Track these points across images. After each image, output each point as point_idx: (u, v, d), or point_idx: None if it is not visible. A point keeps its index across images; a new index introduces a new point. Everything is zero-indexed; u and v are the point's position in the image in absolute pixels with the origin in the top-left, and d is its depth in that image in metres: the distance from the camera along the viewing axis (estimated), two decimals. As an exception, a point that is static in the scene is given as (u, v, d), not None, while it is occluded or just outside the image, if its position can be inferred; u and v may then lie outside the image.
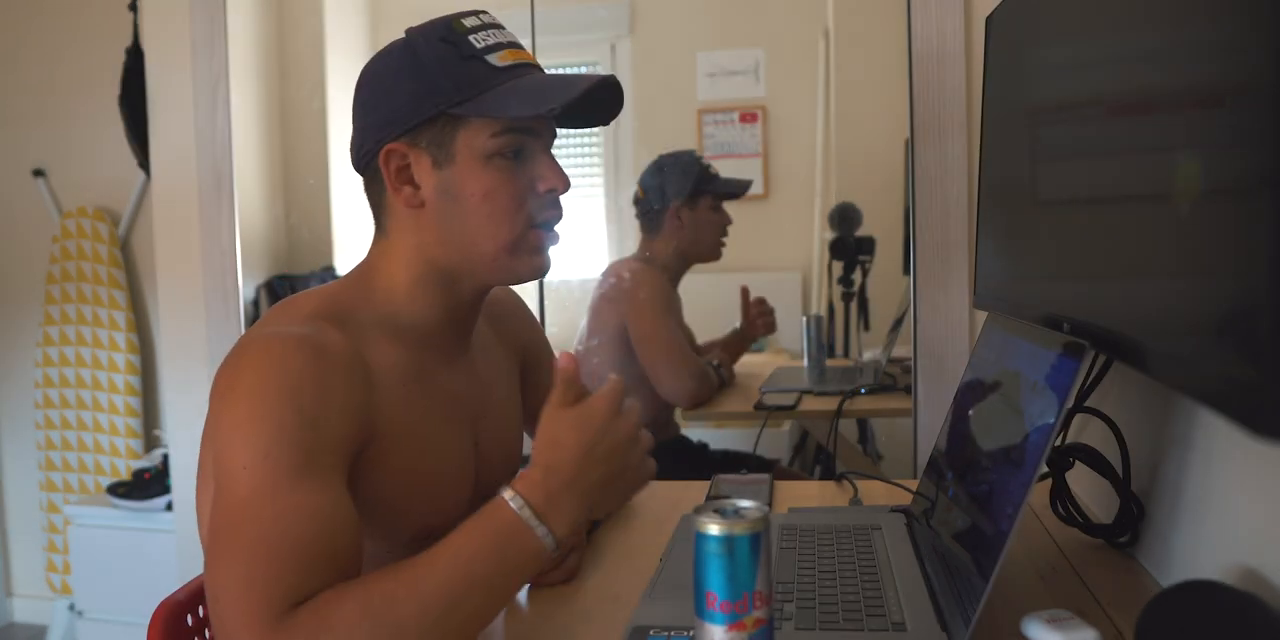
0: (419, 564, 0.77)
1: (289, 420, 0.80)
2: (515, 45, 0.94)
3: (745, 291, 2.27)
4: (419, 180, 0.93)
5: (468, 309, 1.00)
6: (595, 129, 2.55)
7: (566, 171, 0.96)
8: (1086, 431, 1.12)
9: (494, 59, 0.91)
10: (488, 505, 0.80)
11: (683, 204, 2.13)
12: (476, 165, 0.91)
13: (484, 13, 0.96)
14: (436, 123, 0.91)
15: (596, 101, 0.96)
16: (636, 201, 2.18)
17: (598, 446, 0.82)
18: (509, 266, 0.95)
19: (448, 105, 0.90)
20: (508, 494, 0.79)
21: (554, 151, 0.98)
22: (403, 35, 0.95)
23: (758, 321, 2.26)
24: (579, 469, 0.81)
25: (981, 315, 1.60)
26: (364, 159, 0.95)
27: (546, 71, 0.95)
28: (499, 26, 0.95)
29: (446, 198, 0.92)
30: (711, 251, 2.17)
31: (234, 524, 0.78)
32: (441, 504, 0.97)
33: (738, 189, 2.20)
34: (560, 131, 1.00)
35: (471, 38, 0.92)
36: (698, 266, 2.19)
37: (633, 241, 2.19)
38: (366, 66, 0.96)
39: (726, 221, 2.17)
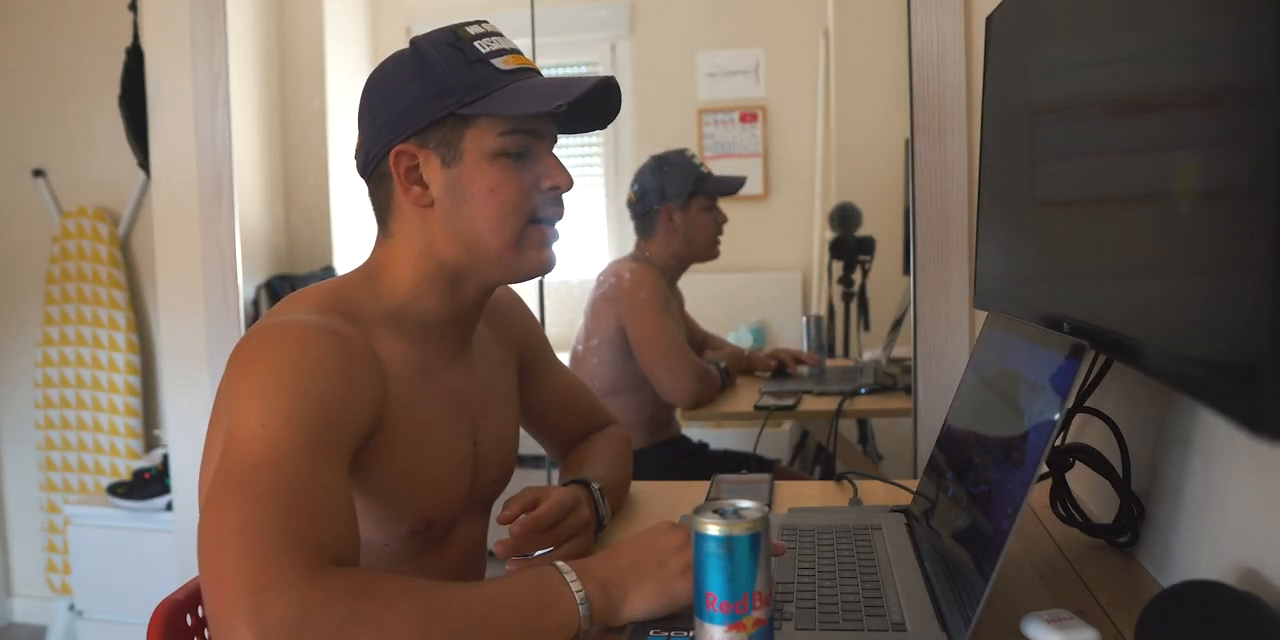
0: (452, 599, 0.75)
1: (314, 393, 0.81)
2: (517, 51, 0.99)
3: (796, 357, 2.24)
4: (428, 179, 0.96)
5: (473, 307, 1.02)
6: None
7: (568, 171, 0.98)
8: (1086, 431, 1.12)
9: (499, 63, 0.96)
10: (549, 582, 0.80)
11: (675, 206, 2.12)
12: (483, 163, 0.94)
13: (485, 22, 1.00)
14: (445, 124, 0.94)
15: (596, 103, 0.99)
16: (630, 204, 2.18)
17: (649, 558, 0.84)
18: (514, 261, 0.97)
19: (456, 106, 0.93)
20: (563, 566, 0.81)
21: (555, 151, 1.00)
22: (407, 45, 0.99)
23: (780, 363, 2.22)
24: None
25: (981, 315, 1.60)
26: (371, 162, 0.98)
27: (545, 75, 0.99)
28: (500, 34, 1.00)
29: (454, 196, 0.95)
30: (708, 251, 2.16)
31: (247, 474, 0.75)
32: (438, 499, 0.98)
33: (731, 187, 2.17)
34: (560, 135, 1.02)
35: (477, 43, 0.96)
36: (697, 266, 2.18)
37: (633, 241, 2.19)
38: (373, 73, 0.99)
39: (722, 220, 2.16)
